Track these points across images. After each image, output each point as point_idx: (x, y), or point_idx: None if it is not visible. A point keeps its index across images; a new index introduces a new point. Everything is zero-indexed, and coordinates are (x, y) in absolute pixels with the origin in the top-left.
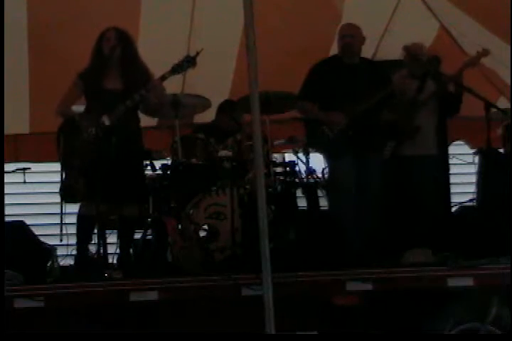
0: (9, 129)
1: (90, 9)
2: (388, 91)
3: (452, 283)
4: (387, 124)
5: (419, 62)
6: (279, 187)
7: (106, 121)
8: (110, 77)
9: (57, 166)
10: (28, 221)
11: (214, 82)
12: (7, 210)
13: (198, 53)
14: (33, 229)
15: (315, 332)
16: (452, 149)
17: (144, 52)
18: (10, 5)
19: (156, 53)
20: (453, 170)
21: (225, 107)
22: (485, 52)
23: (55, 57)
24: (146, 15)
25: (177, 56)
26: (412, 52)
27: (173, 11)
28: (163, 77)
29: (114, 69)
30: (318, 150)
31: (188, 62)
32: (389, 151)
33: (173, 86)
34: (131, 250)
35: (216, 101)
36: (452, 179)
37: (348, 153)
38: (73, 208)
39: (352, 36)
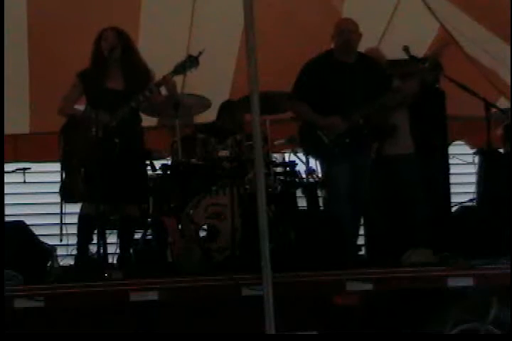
0: (9, 129)
1: (90, 9)
2: (390, 95)
3: (452, 283)
4: (370, 125)
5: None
6: (279, 187)
7: (110, 121)
8: (111, 77)
9: (57, 166)
10: (28, 221)
11: (214, 82)
12: (7, 210)
13: (200, 53)
14: (33, 229)
15: (315, 332)
16: (452, 149)
17: (144, 52)
18: (10, 5)
19: (157, 53)
20: (453, 170)
21: (226, 107)
22: (444, 43)
23: (55, 56)
24: (146, 15)
25: (177, 56)
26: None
27: (173, 11)
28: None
29: (115, 69)
30: (312, 155)
31: (191, 62)
32: (374, 152)
33: None
34: (131, 250)
35: (216, 101)
36: (452, 179)
37: (344, 159)
38: (73, 208)
39: (353, 32)
